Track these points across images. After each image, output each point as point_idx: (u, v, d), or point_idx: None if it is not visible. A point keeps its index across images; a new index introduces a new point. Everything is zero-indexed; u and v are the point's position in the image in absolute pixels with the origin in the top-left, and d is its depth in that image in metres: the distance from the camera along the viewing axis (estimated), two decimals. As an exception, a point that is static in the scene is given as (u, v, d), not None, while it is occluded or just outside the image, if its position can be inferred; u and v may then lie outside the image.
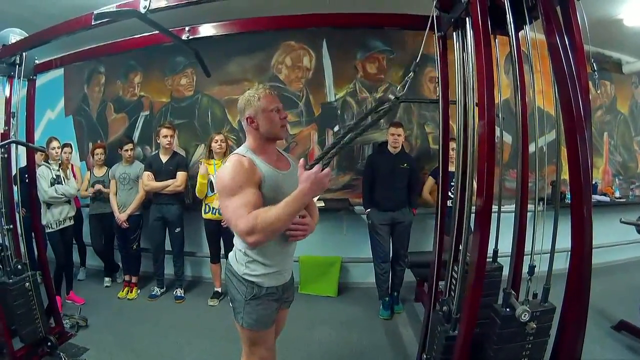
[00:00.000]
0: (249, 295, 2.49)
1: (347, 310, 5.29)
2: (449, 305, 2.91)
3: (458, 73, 3.10)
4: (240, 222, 2.15)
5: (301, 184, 2.14)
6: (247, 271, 2.51)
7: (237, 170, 2.30)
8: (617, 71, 6.99)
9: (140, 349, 4.29)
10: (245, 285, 2.51)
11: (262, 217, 2.12)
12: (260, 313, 2.52)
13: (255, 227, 2.10)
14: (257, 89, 2.50)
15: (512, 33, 2.56)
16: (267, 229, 2.12)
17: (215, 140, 5.31)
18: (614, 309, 4.70)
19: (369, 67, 5.95)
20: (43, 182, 5.00)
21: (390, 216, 5.10)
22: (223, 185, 2.29)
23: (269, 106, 2.44)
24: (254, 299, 2.49)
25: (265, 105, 2.44)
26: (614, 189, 6.82)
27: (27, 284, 3.82)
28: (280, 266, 2.57)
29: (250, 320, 2.51)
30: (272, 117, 2.45)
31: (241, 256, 2.54)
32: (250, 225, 2.11)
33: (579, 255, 2.33)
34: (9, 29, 3.87)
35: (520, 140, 2.78)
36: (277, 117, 2.46)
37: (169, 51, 6.15)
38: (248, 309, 2.50)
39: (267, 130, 2.47)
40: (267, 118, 2.45)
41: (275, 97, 2.50)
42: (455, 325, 2.80)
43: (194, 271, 6.52)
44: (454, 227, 3.12)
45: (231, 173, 2.29)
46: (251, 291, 2.49)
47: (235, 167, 2.31)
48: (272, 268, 2.52)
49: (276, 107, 2.46)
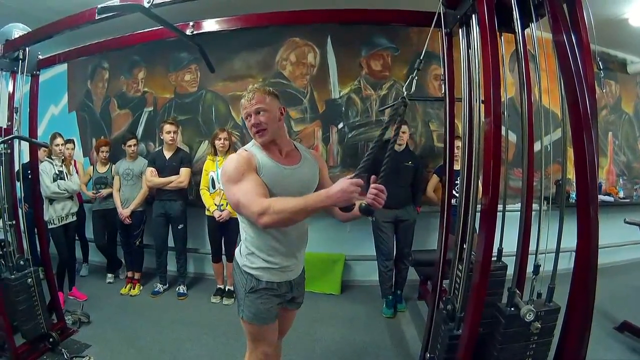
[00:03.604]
0: (248, 288, 2.53)
1: (350, 308, 5.28)
2: (453, 303, 2.90)
3: (464, 70, 3.09)
4: (253, 203, 2.16)
5: (333, 187, 2.11)
6: (246, 262, 2.55)
7: (238, 160, 2.36)
8: (622, 71, 6.97)
9: (142, 345, 4.29)
10: (245, 277, 2.55)
11: (278, 202, 2.15)
12: (259, 307, 2.53)
13: (268, 208, 2.10)
14: (247, 91, 2.49)
15: (519, 31, 2.54)
16: (279, 213, 2.10)
17: (219, 138, 5.28)
18: (617, 309, 4.68)
19: (373, 64, 5.93)
20: (46, 177, 5.00)
21: (395, 214, 5.08)
22: (228, 176, 2.33)
23: (243, 113, 2.49)
24: (252, 292, 2.52)
25: (242, 111, 2.51)
26: (618, 189, 6.79)
27: (29, 280, 3.83)
28: (281, 263, 2.54)
29: (249, 314, 2.54)
30: (248, 125, 2.49)
31: (243, 248, 2.59)
32: (265, 205, 2.12)
33: (584, 255, 2.32)
34: (12, 24, 3.87)
35: (525, 139, 2.76)
36: (249, 124, 2.47)
37: (173, 47, 6.14)
38: (247, 302, 2.54)
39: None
40: (247, 125, 2.51)
41: (250, 102, 2.44)
42: (459, 324, 2.79)
43: (197, 268, 6.53)
44: (459, 226, 3.10)
45: (234, 164, 2.34)
46: (250, 283, 2.53)
47: (236, 159, 2.38)
48: (271, 264, 2.51)
49: (247, 114, 2.47)
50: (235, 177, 2.29)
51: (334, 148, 5.99)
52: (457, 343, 2.73)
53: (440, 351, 2.95)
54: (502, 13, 2.53)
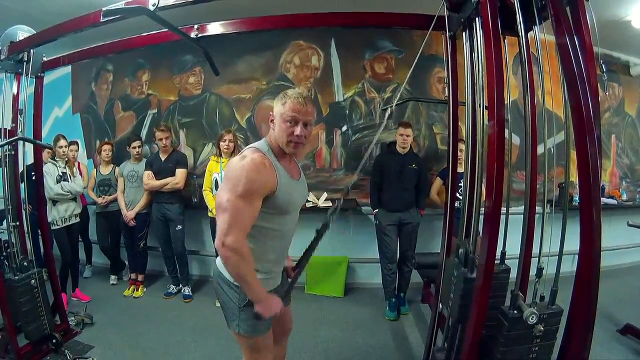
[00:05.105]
0: (242, 302, 2.39)
1: (354, 311, 5.28)
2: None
3: (467, 74, 3.09)
4: (235, 236, 2.13)
5: (269, 298, 2.35)
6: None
7: (258, 171, 2.18)
8: (625, 73, 6.95)
9: (145, 347, 4.30)
10: (237, 292, 2.40)
11: (245, 258, 2.19)
12: (258, 318, 2.37)
13: (235, 252, 2.13)
14: (295, 92, 2.31)
15: (522, 34, 2.55)
16: (236, 260, 2.16)
17: (224, 140, 5.28)
18: (620, 312, 4.68)
19: (377, 67, 5.94)
20: (49, 179, 5.03)
21: (398, 217, 5.09)
22: (238, 178, 2.14)
23: (287, 113, 2.26)
24: (249, 306, 2.36)
25: (284, 110, 2.28)
26: (621, 192, 6.78)
27: (32, 281, 3.83)
28: (270, 274, 2.52)
29: (247, 327, 2.43)
30: (284, 128, 2.28)
31: None
32: (238, 249, 2.13)
33: (587, 257, 2.32)
34: (17, 26, 3.88)
35: (528, 142, 2.76)
36: (290, 130, 2.27)
37: (177, 49, 6.17)
38: (243, 315, 2.41)
39: (276, 136, 2.35)
40: (280, 125, 2.30)
41: (302, 109, 2.26)
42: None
43: (202, 270, 6.52)
44: (462, 229, 3.11)
45: (251, 172, 2.15)
46: (244, 297, 2.37)
47: (257, 166, 2.19)
48: (262, 274, 2.41)
49: (293, 119, 2.26)
50: (243, 189, 2.12)
51: (338, 151, 6.00)
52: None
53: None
54: (506, 16, 2.54)
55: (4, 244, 3.89)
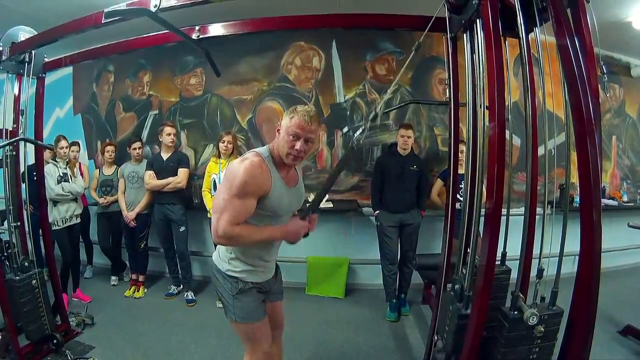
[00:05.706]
0: (235, 290, 2.61)
1: (354, 312, 5.28)
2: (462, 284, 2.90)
3: (468, 75, 3.09)
4: (223, 224, 2.31)
5: (289, 226, 2.56)
6: (229, 267, 2.64)
7: (254, 174, 2.35)
8: (626, 74, 6.95)
9: (146, 347, 4.30)
10: (230, 282, 2.63)
11: (244, 231, 2.37)
12: (250, 305, 2.65)
13: (231, 237, 2.35)
14: (303, 109, 2.45)
15: (523, 35, 2.55)
16: (237, 241, 2.44)
17: (223, 141, 5.28)
18: (621, 313, 4.69)
19: (378, 69, 5.95)
20: (50, 179, 5.03)
21: (399, 218, 5.09)
22: (234, 178, 2.32)
23: (291, 128, 2.41)
24: (240, 293, 2.61)
25: (290, 124, 2.43)
26: (622, 193, 6.79)
27: (33, 282, 3.85)
28: (261, 267, 2.71)
29: (241, 314, 2.64)
30: (287, 140, 2.43)
31: (224, 253, 2.69)
32: (228, 234, 2.32)
33: (587, 258, 2.32)
34: (19, 27, 3.89)
35: (529, 143, 2.76)
36: (292, 143, 2.42)
37: (179, 50, 6.18)
38: (237, 303, 2.62)
39: (279, 146, 2.50)
40: (284, 137, 2.45)
41: (306, 126, 2.40)
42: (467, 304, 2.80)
43: (203, 271, 6.50)
44: (463, 230, 3.11)
45: (247, 174, 2.32)
46: (236, 286, 2.61)
47: (254, 169, 2.36)
48: (252, 267, 2.65)
49: (296, 135, 2.41)
50: (238, 188, 2.31)
51: (339, 152, 6.00)
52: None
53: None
54: (506, 17, 2.54)
55: (5, 244, 3.90)
